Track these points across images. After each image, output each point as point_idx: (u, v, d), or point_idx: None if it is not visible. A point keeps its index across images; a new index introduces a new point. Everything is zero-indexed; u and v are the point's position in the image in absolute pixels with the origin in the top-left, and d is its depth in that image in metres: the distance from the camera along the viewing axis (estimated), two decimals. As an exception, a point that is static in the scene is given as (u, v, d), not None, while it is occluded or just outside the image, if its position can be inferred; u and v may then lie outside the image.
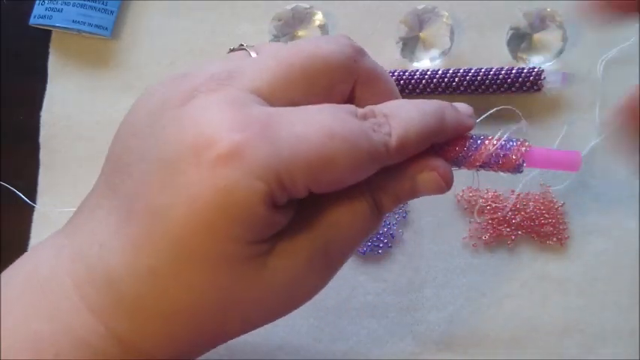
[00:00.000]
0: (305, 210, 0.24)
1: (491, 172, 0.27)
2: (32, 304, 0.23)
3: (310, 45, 0.25)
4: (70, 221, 0.25)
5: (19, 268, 0.25)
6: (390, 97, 0.26)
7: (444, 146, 0.26)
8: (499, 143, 0.26)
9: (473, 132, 0.27)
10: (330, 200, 0.24)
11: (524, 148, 0.26)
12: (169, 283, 0.22)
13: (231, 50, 0.28)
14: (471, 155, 0.26)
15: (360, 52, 0.26)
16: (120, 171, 0.24)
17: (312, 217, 0.24)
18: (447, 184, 0.26)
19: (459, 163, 0.26)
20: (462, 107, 0.27)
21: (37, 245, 0.26)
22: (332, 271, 0.26)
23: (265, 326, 0.37)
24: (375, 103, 0.25)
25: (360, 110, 0.24)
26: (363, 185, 0.24)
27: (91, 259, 0.23)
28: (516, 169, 0.27)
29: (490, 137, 0.27)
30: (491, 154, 0.26)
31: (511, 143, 0.27)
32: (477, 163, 0.26)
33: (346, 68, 0.25)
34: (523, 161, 0.26)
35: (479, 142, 0.26)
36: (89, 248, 0.23)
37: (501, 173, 0.27)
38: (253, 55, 0.26)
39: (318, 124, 0.22)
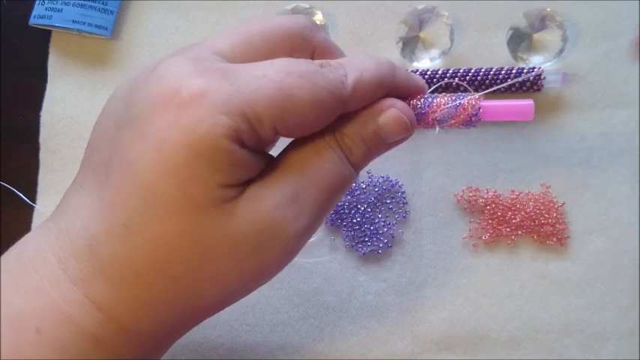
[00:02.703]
0: (274, 164, 0.25)
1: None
2: (16, 282, 0.23)
3: (269, 15, 0.27)
4: (57, 207, 0.26)
5: (9, 252, 0.25)
6: None
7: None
8: (451, 97, 0.28)
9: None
10: (297, 148, 0.25)
11: (476, 100, 0.28)
12: (140, 238, 0.23)
13: None
14: (427, 111, 0.28)
15: (315, 26, 0.28)
16: (96, 147, 0.25)
17: (281, 167, 0.25)
18: (410, 121, 0.26)
19: (417, 119, 0.28)
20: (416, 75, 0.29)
21: (29, 234, 0.26)
22: (306, 223, 0.25)
23: (265, 326, 0.38)
24: None
25: (317, 61, 0.25)
26: (328, 132, 0.25)
27: (74, 233, 0.24)
28: (471, 121, 0.28)
29: (443, 94, 0.29)
30: (445, 108, 0.28)
31: (463, 96, 0.28)
32: (434, 117, 0.28)
33: (303, 36, 0.27)
34: (477, 112, 0.28)
35: (431, 99, 0.28)
36: (72, 223, 0.24)
37: (460, 128, 0.29)
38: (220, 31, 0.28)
39: (276, 66, 0.23)
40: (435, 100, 0.28)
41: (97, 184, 0.24)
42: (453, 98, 0.28)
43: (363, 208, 0.37)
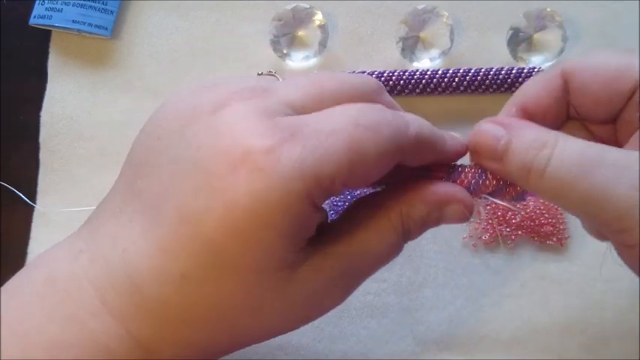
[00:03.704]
0: (335, 230, 0.25)
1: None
2: (50, 308, 0.23)
3: (338, 73, 0.27)
4: (86, 225, 0.25)
5: (33, 272, 0.25)
6: None
7: (456, 176, 0.27)
8: None
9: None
10: (360, 226, 0.25)
11: None
12: (197, 289, 0.22)
13: (260, 74, 0.29)
14: (480, 183, 0.27)
15: (381, 88, 0.27)
16: (145, 174, 0.24)
17: (342, 240, 0.25)
18: (470, 215, 0.26)
19: (470, 191, 0.27)
20: (451, 136, 0.28)
21: (51, 249, 0.25)
22: (348, 293, 0.26)
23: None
24: None
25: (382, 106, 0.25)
26: (394, 215, 0.25)
27: (114, 263, 0.23)
28: (521, 196, 0.27)
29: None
30: (499, 181, 0.26)
31: None
32: (487, 190, 0.27)
33: (370, 98, 0.26)
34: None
35: (481, 171, 0.27)
36: (111, 252, 0.23)
37: (504, 203, 0.28)
38: (288, 81, 0.26)
39: (344, 118, 0.23)
40: (485, 173, 0.27)
41: (142, 215, 0.23)
42: None
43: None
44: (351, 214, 0.26)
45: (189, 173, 0.22)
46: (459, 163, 0.27)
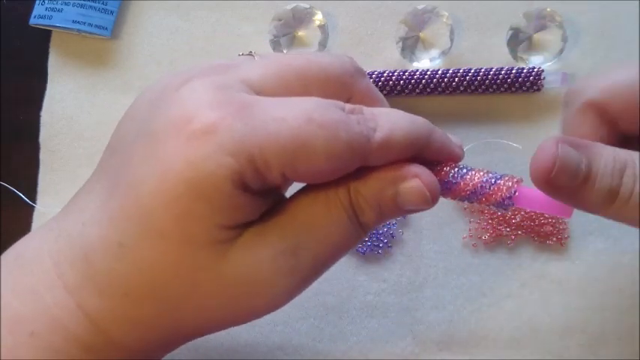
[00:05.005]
0: (279, 209, 0.24)
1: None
2: (14, 283, 0.23)
3: (311, 54, 0.25)
4: (63, 208, 0.26)
5: (10, 251, 0.25)
6: None
7: (432, 167, 0.25)
8: (487, 172, 0.26)
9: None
10: (305, 200, 0.24)
11: (513, 184, 0.26)
12: (133, 258, 0.22)
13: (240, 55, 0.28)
14: (459, 182, 0.25)
15: (358, 71, 0.26)
16: (113, 152, 0.25)
17: (285, 215, 0.24)
18: (432, 196, 0.24)
19: (446, 188, 0.26)
20: (453, 137, 0.26)
21: (32, 231, 0.26)
22: (300, 279, 0.24)
23: (265, 326, 0.38)
24: None
25: (349, 105, 0.24)
26: (342, 187, 0.24)
27: (73, 237, 0.23)
28: (502, 203, 0.26)
29: (480, 169, 0.26)
30: (478, 184, 0.25)
31: (500, 175, 0.26)
32: (464, 191, 0.25)
33: (341, 82, 0.25)
34: (510, 196, 0.25)
35: (466, 170, 0.26)
36: (73, 227, 0.24)
37: (490, 207, 0.26)
38: (257, 59, 0.26)
39: (298, 109, 0.22)
40: (469, 173, 0.26)
41: (105, 191, 0.24)
42: (490, 175, 0.26)
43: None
44: (299, 193, 0.24)
45: (142, 142, 0.23)
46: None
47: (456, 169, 0.26)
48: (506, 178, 0.26)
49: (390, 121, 0.23)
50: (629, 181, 0.22)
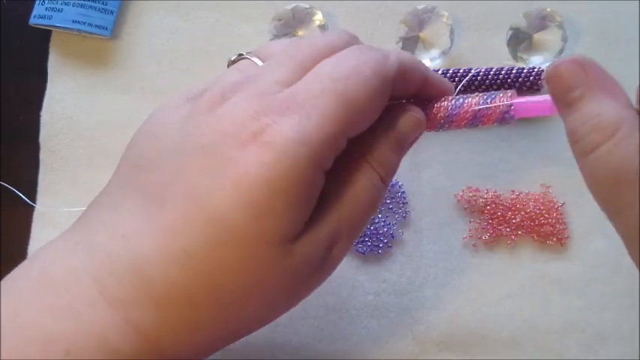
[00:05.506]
0: (321, 195, 0.25)
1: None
2: (44, 300, 0.23)
3: (312, 37, 0.28)
4: (80, 220, 0.25)
5: (28, 267, 0.25)
6: None
7: (431, 105, 0.28)
8: (482, 96, 0.28)
9: None
10: (334, 178, 0.25)
11: (507, 96, 0.27)
12: (200, 263, 0.23)
13: (231, 62, 0.29)
14: (459, 111, 0.27)
15: (356, 38, 0.28)
16: (146, 169, 0.24)
17: (331, 202, 0.25)
18: (423, 119, 0.28)
19: (450, 120, 0.28)
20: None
21: (45, 246, 0.25)
22: (346, 251, 0.26)
23: (265, 326, 0.37)
24: None
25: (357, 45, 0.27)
26: (361, 160, 0.26)
27: (112, 250, 0.23)
28: (504, 118, 0.27)
29: (474, 95, 0.28)
30: (476, 107, 0.27)
31: (494, 94, 0.28)
32: (466, 118, 0.27)
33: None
34: (509, 110, 0.27)
35: (462, 99, 0.28)
36: (109, 240, 0.23)
37: (495, 126, 0.28)
38: (258, 62, 0.27)
39: (324, 76, 0.24)
40: (466, 101, 0.28)
41: (146, 207, 0.24)
42: (485, 96, 0.28)
43: (363, 208, 0.37)
44: (330, 174, 0.26)
45: (196, 159, 0.23)
46: None
47: (453, 101, 0.28)
48: (501, 95, 0.27)
49: (393, 50, 0.27)
50: (598, 138, 0.22)
